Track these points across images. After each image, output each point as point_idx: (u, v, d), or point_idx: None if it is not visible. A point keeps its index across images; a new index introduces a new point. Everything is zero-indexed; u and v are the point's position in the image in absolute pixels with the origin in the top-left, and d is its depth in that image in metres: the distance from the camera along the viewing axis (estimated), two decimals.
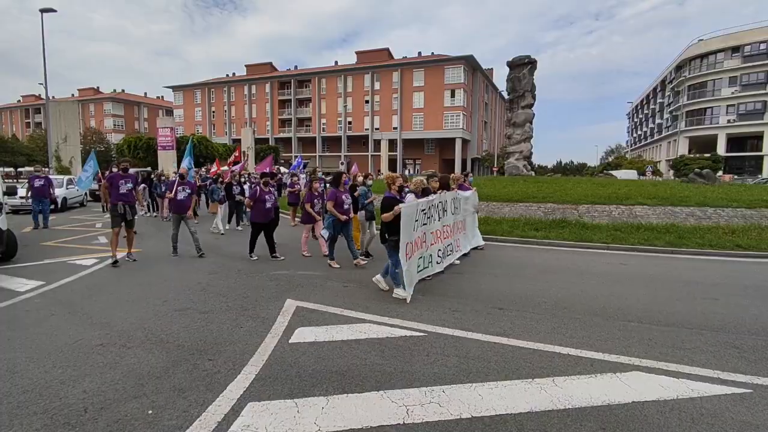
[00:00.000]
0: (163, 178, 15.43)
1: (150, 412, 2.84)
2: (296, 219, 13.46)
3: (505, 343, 4.10)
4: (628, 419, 2.81)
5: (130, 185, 7.60)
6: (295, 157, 43.77)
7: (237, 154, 19.99)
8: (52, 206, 13.16)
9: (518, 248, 9.62)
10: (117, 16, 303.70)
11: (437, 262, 6.53)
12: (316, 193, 8.66)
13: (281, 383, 3.25)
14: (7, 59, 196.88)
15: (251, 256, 8.02)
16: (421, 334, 4.32)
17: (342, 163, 46.41)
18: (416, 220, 5.66)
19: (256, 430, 2.65)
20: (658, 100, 64.26)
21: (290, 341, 4.09)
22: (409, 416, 2.81)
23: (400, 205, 5.50)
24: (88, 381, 3.26)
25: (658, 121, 64.04)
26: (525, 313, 5.01)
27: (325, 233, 7.53)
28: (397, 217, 5.40)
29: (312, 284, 6.24)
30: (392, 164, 53.96)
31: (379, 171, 48.44)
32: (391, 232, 5.60)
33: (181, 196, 8.51)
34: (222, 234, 11.38)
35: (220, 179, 12.81)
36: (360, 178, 9.39)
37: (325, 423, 2.73)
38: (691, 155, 45.25)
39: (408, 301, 5.35)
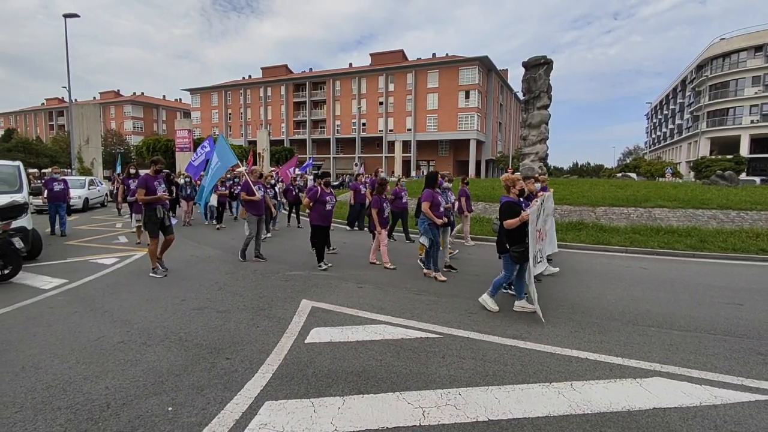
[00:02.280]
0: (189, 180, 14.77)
1: (170, 408, 2.89)
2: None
3: (522, 346, 4.06)
4: (649, 426, 2.76)
5: (164, 187, 6.93)
6: (308, 158, 44.13)
7: (250, 158, 20.25)
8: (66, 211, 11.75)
9: None
10: (139, 21, 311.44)
11: None
12: (385, 197, 7.75)
13: (297, 383, 3.27)
14: (33, 63, 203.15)
15: (320, 266, 7.32)
16: (437, 335, 4.30)
17: (356, 165, 46.55)
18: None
19: (273, 428, 2.67)
20: (679, 101, 62.93)
21: (306, 341, 4.11)
22: (425, 418, 2.81)
23: (528, 210, 4.94)
24: (110, 377, 3.33)
25: (678, 121, 62.71)
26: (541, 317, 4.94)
27: (425, 240, 6.68)
28: (523, 224, 4.89)
29: (327, 285, 6.27)
30: (406, 166, 53.99)
31: (392, 173, 48.47)
32: (514, 240, 4.99)
33: (259, 196, 8.12)
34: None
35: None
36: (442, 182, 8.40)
37: (341, 423, 2.74)
38: (713, 156, 44.13)
39: (541, 317, 4.80)
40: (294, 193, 14.00)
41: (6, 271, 6.30)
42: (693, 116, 54.60)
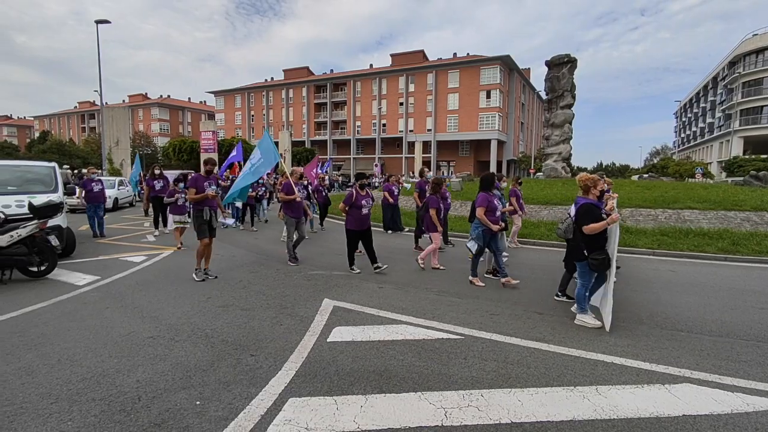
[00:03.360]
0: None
1: (198, 403, 2.97)
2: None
3: (545, 349, 4.01)
4: None
5: (214, 188, 6.73)
6: (328, 159, 44.44)
7: None
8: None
9: (557, 252, 9.33)
10: (166, 26, 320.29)
11: None
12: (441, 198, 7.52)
13: (320, 381, 3.32)
14: (66, 68, 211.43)
15: (352, 270, 7.16)
16: (458, 337, 4.29)
17: (376, 165, 46.66)
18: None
19: (297, 424, 2.72)
20: (709, 98, 60.83)
21: (328, 340, 4.16)
22: (447, 419, 2.81)
23: (615, 214, 4.56)
24: (140, 371, 3.45)
25: (709, 120, 60.60)
26: (565, 319, 4.87)
27: (473, 245, 6.31)
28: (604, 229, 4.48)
29: (348, 284, 6.32)
30: (426, 166, 53.74)
31: (412, 173, 48.38)
32: (593, 247, 4.55)
33: (298, 198, 7.78)
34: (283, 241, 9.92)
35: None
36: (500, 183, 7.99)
37: (363, 421, 2.77)
38: (746, 156, 42.48)
39: (607, 329, 4.48)
40: (324, 194, 13.63)
41: (43, 268, 6.59)
42: (725, 114, 52.67)
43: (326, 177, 24.05)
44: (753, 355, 3.94)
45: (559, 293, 5.71)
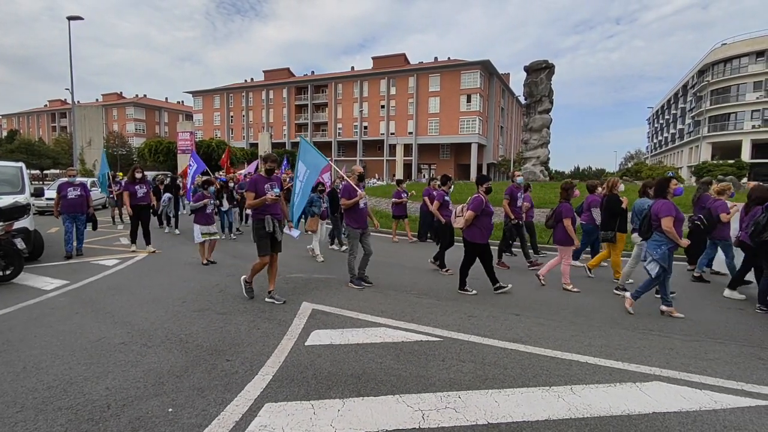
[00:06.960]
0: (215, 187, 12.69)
1: (170, 410, 2.89)
2: (398, 235, 11.58)
3: (522, 350, 4.07)
4: (648, 430, 2.75)
5: (276, 191, 5.52)
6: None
7: (224, 158, 17.93)
8: (89, 224, 9.21)
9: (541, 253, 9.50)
10: (144, 24, 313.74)
11: None
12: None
13: (297, 385, 3.28)
14: (37, 65, 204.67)
15: (468, 290, 6.09)
16: (437, 339, 4.31)
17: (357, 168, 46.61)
18: None
19: (273, 430, 2.67)
20: (680, 105, 63.04)
21: (306, 344, 4.12)
22: (425, 421, 2.81)
23: None
24: (110, 378, 3.34)
25: (679, 126, 62.79)
26: (542, 320, 4.95)
27: (654, 268, 5.11)
28: None
29: (328, 287, 6.28)
30: (407, 169, 54.07)
31: (393, 175, 48.55)
32: None
33: (362, 204, 6.41)
34: (322, 261, 8.52)
35: (320, 187, 9.15)
36: (621, 187, 6.83)
37: (341, 425, 2.74)
38: (714, 161, 44.14)
39: None
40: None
41: (8, 272, 6.33)
42: (694, 121, 54.66)
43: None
44: (720, 353, 4.08)
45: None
